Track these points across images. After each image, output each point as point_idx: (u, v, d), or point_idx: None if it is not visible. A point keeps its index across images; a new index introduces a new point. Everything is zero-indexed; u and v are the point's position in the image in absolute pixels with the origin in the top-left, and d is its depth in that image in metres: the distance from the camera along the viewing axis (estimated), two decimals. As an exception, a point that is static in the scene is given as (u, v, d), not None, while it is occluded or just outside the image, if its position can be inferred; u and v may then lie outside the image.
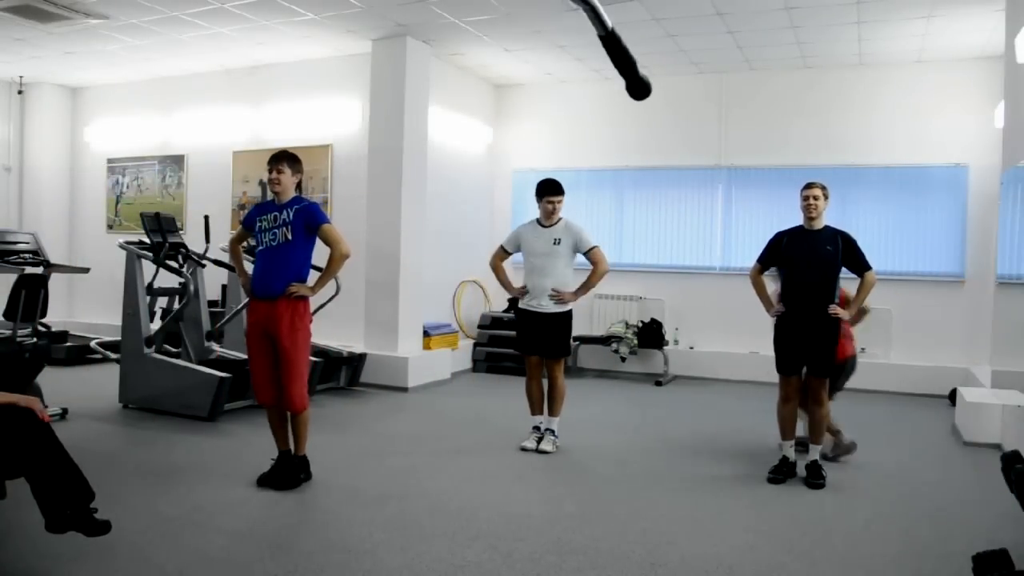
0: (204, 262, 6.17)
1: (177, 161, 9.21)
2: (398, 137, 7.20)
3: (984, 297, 7.11)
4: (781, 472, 4.42)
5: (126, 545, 3.15)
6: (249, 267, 4.51)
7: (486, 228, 9.11)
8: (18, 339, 5.47)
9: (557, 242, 4.94)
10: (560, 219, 5.02)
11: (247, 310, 4.32)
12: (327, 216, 4.32)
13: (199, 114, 9.02)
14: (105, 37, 7.49)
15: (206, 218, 6.60)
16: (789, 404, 4.49)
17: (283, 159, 4.21)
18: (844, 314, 4.38)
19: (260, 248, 4.16)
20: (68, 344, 8.13)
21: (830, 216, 4.59)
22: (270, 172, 4.20)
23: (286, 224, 4.11)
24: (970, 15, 6.25)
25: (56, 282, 7.45)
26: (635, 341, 8.02)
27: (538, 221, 5.07)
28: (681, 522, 3.67)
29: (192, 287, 5.89)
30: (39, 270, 5.71)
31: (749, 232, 8.11)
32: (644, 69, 2.14)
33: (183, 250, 6.07)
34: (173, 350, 6.20)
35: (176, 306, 6.10)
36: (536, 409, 5.12)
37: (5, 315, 5.57)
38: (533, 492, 4.12)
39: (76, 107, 9.96)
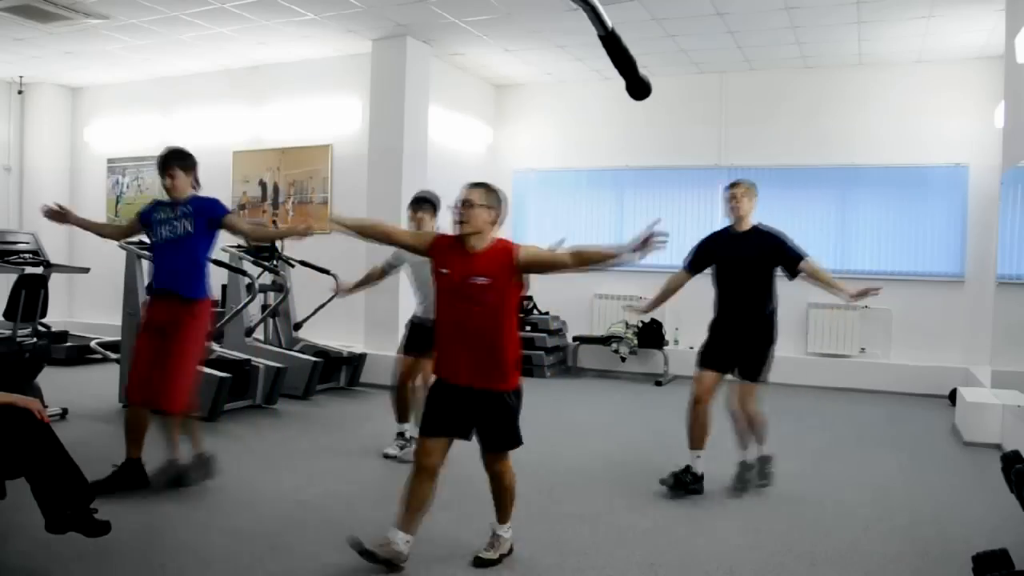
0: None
1: (177, 161, 9.21)
2: (398, 137, 7.20)
3: (984, 297, 7.11)
4: (681, 483, 3.94)
5: (126, 545, 3.15)
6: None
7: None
8: (18, 339, 5.46)
9: None
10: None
11: (147, 307, 4.13)
12: (227, 207, 4.18)
13: (199, 114, 9.02)
14: (105, 37, 7.49)
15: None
16: (701, 406, 4.00)
17: (172, 162, 3.93)
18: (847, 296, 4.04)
19: (159, 241, 3.96)
20: (68, 344, 8.13)
21: (833, 216, 4.60)
22: (163, 178, 3.94)
23: (186, 216, 3.92)
24: (970, 15, 6.25)
25: (56, 282, 7.45)
26: (635, 341, 8.02)
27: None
28: (681, 522, 3.67)
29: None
30: (39, 270, 5.70)
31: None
32: (644, 69, 2.14)
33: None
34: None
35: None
36: (405, 416, 4.73)
37: (5, 315, 5.57)
38: (533, 492, 4.12)
39: (76, 107, 9.96)
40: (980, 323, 7.10)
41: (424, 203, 4.64)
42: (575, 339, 8.49)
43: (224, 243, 7.05)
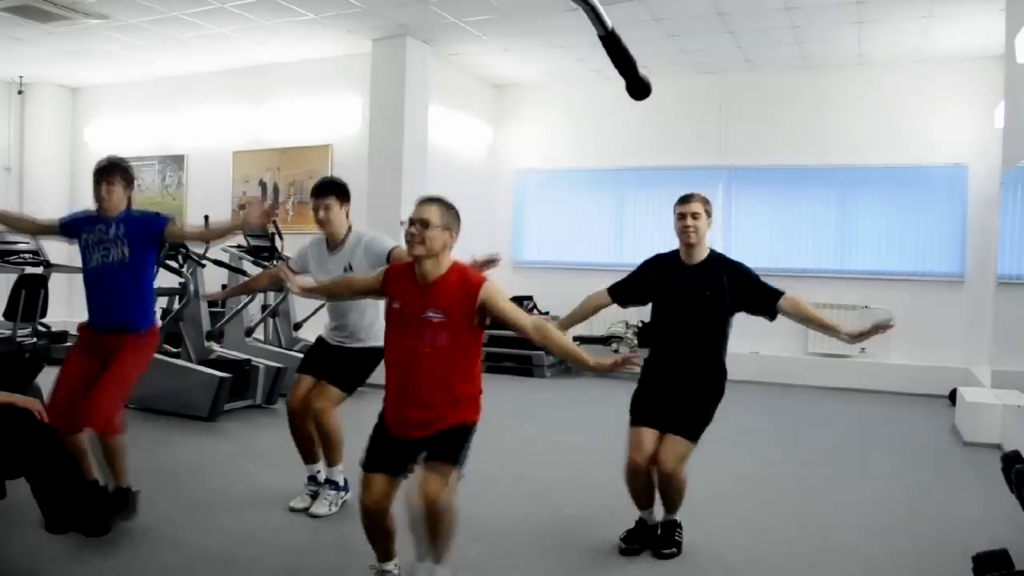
0: (204, 262, 6.17)
1: (177, 161, 9.21)
2: (398, 137, 7.20)
3: (984, 297, 7.11)
4: (636, 539, 3.29)
5: (126, 545, 3.15)
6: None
7: (486, 228, 9.10)
8: (18, 339, 5.46)
9: (348, 269, 3.61)
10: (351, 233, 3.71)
11: (79, 334, 3.60)
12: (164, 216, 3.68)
13: (199, 114, 9.02)
14: (105, 37, 7.49)
15: (206, 219, 6.56)
16: (639, 475, 3.22)
17: (114, 172, 3.49)
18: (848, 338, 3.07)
19: (90, 268, 3.45)
20: (68, 344, 8.11)
21: (833, 216, 4.53)
22: (98, 188, 3.46)
23: (119, 239, 3.38)
24: (970, 15, 6.25)
25: (56, 282, 7.44)
26: (635, 341, 8.02)
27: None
28: (681, 522, 3.66)
29: (192, 287, 5.89)
30: (39, 270, 5.70)
31: (749, 232, 8.12)
32: (644, 69, 2.14)
33: (183, 250, 6.07)
34: (173, 350, 6.19)
35: (176, 306, 6.10)
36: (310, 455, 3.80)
37: (5, 315, 5.57)
38: (533, 492, 4.12)
39: (76, 107, 9.96)
40: (980, 323, 7.10)
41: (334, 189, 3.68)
42: (575, 339, 8.46)
43: (224, 243, 7.08)
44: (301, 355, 6.64)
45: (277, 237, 7.08)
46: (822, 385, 7.66)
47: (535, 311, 8.60)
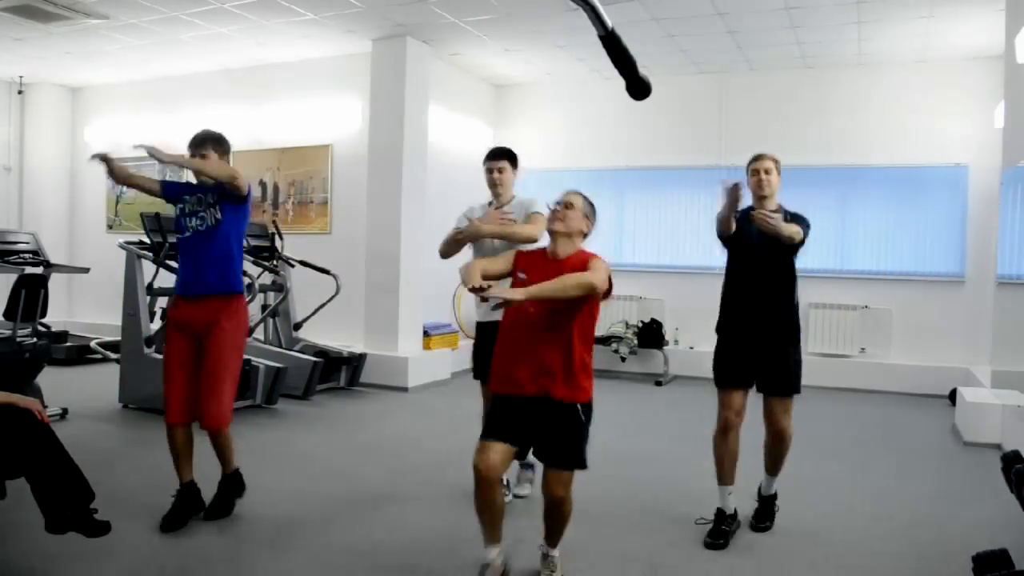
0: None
1: (177, 161, 9.21)
2: (398, 137, 7.20)
3: (984, 297, 7.11)
4: (720, 534, 3.36)
5: (126, 545, 3.15)
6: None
7: (486, 228, 9.10)
8: (18, 339, 5.46)
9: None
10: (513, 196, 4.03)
11: (169, 313, 3.64)
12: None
13: (199, 114, 9.01)
14: (105, 37, 7.49)
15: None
16: (731, 434, 3.46)
17: (207, 143, 3.60)
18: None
19: (186, 235, 3.54)
20: (68, 344, 8.13)
21: (833, 216, 4.55)
22: (192, 156, 3.60)
23: (212, 206, 3.50)
24: (970, 15, 6.25)
25: (56, 282, 7.45)
26: (635, 341, 8.02)
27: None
28: (681, 522, 3.67)
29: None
30: (39, 270, 5.70)
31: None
32: (644, 69, 2.14)
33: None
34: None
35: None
36: None
37: (5, 315, 5.57)
38: (533, 492, 4.12)
39: (76, 107, 9.97)
40: (980, 323, 7.10)
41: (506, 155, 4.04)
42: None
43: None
44: (301, 355, 6.69)
45: (277, 237, 7.08)
46: (822, 385, 7.65)
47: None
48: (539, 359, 2.76)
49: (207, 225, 3.48)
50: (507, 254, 3.10)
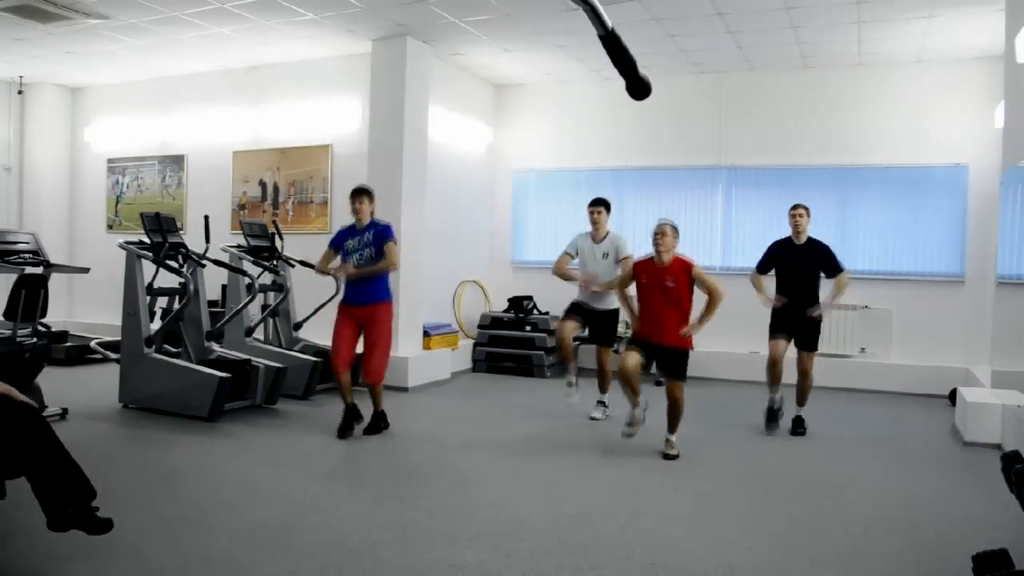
0: (204, 262, 6.17)
1: (177, 161, 9.22)
2: (398, 137, 7.21)
3: (984, 297, 7.11)
4: (774, 419, 5.62)
5: (126, 545, 3.15)
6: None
7: (486, 228, 9.11)
8: (18, 339, 5.46)
9: (605, 256, 5.86)
10: (607, 232, 5.96)
11: (340, 309, 5.25)
12: (394, 235, 5.22)
13: (199, 114, 9.03)
14: (105, 37, 7.49)
15: (206, 218, 6.60)
16: (777, 366, 5.55)
17: (363, 194, 5.18)
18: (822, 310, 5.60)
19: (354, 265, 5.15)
20: (68, 344, 8.13)
21: (833, 216, 4.63)
22: (353, 203, 5.17)
23: (369, 245, 5.12)
24: (970, 15, 6.25)
25: (56, 282, 7.45)
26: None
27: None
28: (681, 522, 3.67)
29: (192, 287, 5.89)
30: (39, 270, 5.70)
31: (749, 232, 8.12)
32: (644, 69, 2.14)
33: (183, 250, 6.07)
34: (173, 350, 6.20)
35: (176, 306, 6.10)
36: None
37: (5, 315, 5.57)
38: (533, 492, 4.12)
39: (76, 107, 9.97)
40: (980, 323, 7.10)
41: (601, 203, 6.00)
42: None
43: (223, 243, 7.10)
44: (301, 355, 6.69)
45: (277, 237, 7.09)
46: (822, 385, 7.63)
47: (535, 311, 8.61)
48: (662, 325, 4.85)
49: (366, 259, 5.13)
50: (625, 264, 5.55)
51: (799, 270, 5.57)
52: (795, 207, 5.67)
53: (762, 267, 5.77)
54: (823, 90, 7.89)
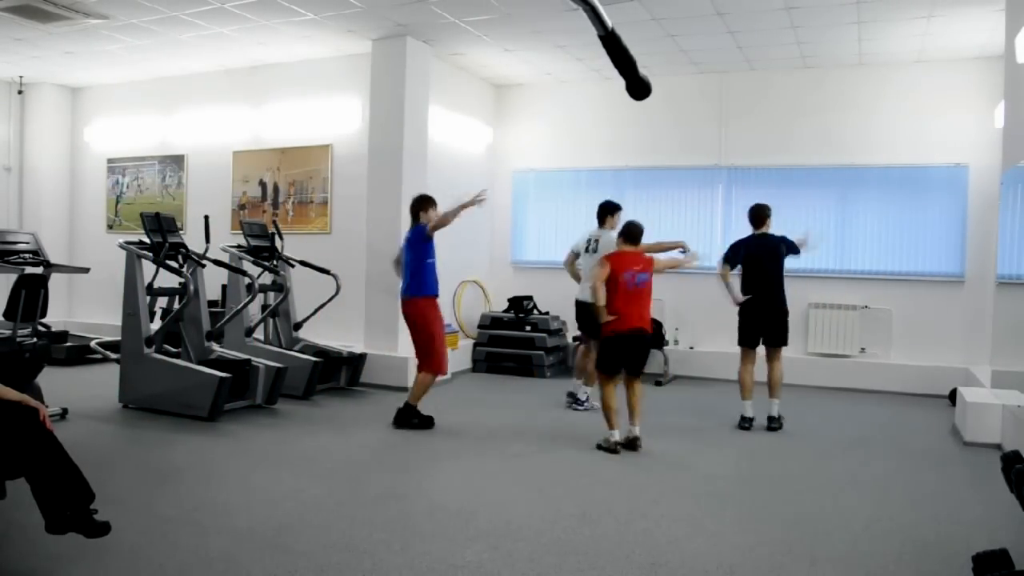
0: (204, 262, 6.18)
1: (177, 161, 9.22)
2: (398, 137, 7.20)
3: (984, 297, 7.11)
4: (747, 421, 5.75)
5: (126, 545, 3.15)
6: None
7: (486, 228, 9.10)
8: (18, 339, 5.46)
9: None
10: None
11: (436, 303, 5.67)
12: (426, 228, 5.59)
13: (199, 114, 9.03)
14: (105, 37, 7.49)
15: (206, 218, 6.61)
16: (749, 373, 5.80)
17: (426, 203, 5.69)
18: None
19: (426, 262, 5.64)
20: (68, 344, 8.13)
21: (833, 216, 4.62)
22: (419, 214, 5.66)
23: (408, 244, 5.67)
24: (970, 15, 6.25)
25: (56, 282, 7.45)
26: (635, 341, 8.01)
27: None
28: (681, 522, 3.67)
29: (192, 287, 5.89)
30: (39, 270, 5.71)
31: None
32: (644, 69, 2.14)
33: (183, 250, 6.07)
34: (173, 350, 6.20)
35: (176, 306, 6.10)
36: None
37: (5, 315, 5.57)
38: (533, 492, 4.12)
39: (76, 107, 9.96)
40: (980, 323, 7.10)
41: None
42: (575, 339, 8.48)
43: (223, 243, 7.10)
44: (301, 355, 6.69)
45: (277, 237, 7.08)
46: (822, 385, 7.66)
47: (535, 311, 8.61)
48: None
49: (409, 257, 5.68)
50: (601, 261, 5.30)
51: (764, 256, 5.81)
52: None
53: (730, 260, 5.93)
54: (823, 90, 7.88)
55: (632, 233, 5.29)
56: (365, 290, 7.39)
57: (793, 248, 5.91)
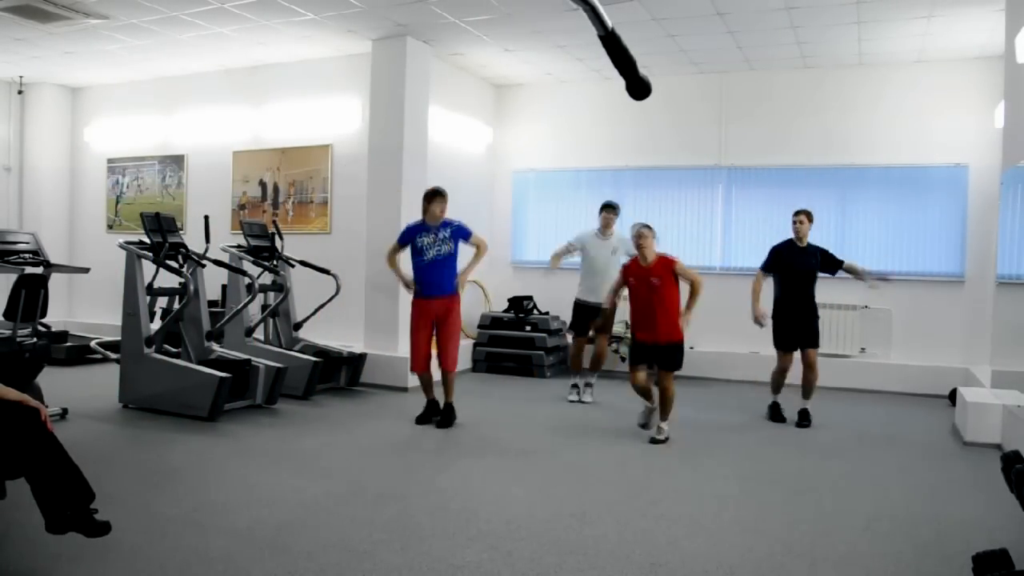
0: (204, 262, 6.17)
1: (177, 161, 9.22)
2: (398, 137, 7.20)
3: (984, 297, 7.11)
4: (777, 414, 6.03)
5: (126, 545, 3.15)
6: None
7: (486, 228, 9.08)
8: (18, 339, 5.46)
9: (614, 251, 6.54)
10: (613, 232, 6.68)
11: (416, 303, 5.62)
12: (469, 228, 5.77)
13: (199, 114, 9.03)
14: (105, 37, 7.49)
15: (206, 218, 6.61)
16: (784, 374, 6.03)
17: (436, 196, 5.59)
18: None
19: (427, 259, 5.54)
20: (68, 344, 8.13)
21: (833, 216, 4.63)
22: (431, 203, 5.56)
23: (446, 239, 5.57)
24: (970, 15, 6.25)
25: (56, 282, 7.45)
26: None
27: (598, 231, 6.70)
28: (681, 522, 3.67)
29: (192, 287, 5.89)
30: (39, 270, 5.71)
31: (749, 232, 8.12)
32: (644, 69, 2.14)
33: (183, 250, 6.07)
34: (173, 350, 6.20)
35: (176, 306, 6.10)
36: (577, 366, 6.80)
37: (5, 315, 5.57)
38: (533, 492, 4.12)
39: (76, 107, 9.96)
40: (980, 323, 7.10)
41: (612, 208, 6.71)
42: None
43: (223, 243, 7.10)
44: (301, 355, 6.69)
45: (277, 237, 7.08)
46: (822, 385, 7.60)
47: (535, 311, 8.61)
48: (658, 319, 5.22)
49: (444, 255, 5.57)
50: (618, 272, 5.63)
51: (804, 270, 5.92)
52: (798, 213, 6.01)
53: (766, 268, 6.02)
54: (823, 90, 7.88)
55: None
56: (365, 290, 7.39)
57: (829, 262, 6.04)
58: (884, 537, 3.52)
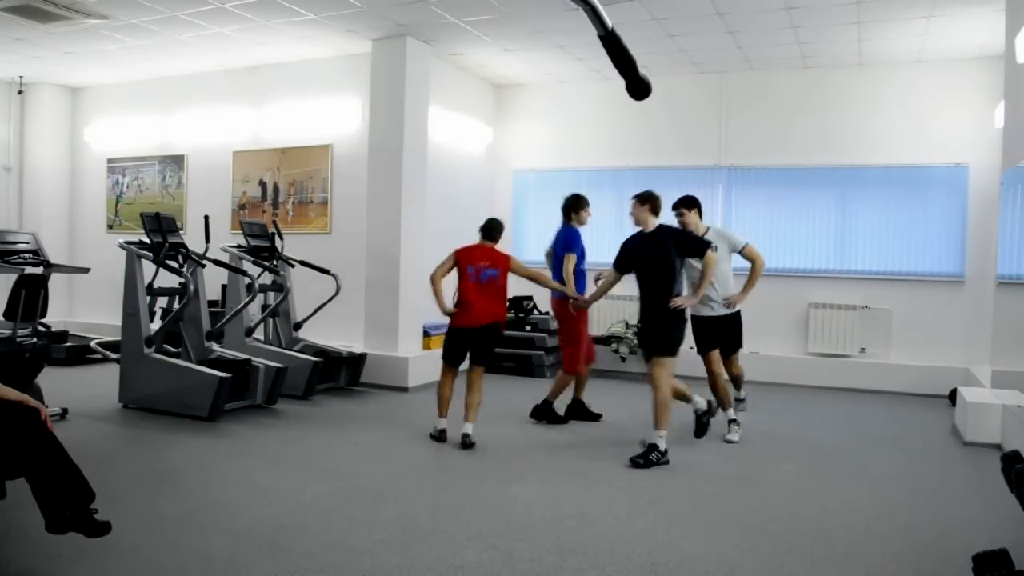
0: (204, 262, 6.17)
1: (177, 161, 9.22)
2: (398, 137, 7.20)
3: (984, 297, 7.11)
4: (703, 426, 5.36)
5: (126, 545, 3.15)
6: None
7: (486, 228, 9.10)
8: (18, 339, 5.46)
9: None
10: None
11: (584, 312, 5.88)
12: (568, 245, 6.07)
13: (199, 114, 9.02)
14: (105, 37, 7.49)
15: (206, 218, 6.61)
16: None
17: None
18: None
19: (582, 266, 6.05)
20: (68, 344, 8.13)
21: (833, 216, 4.59)
22: (582, 210, 6.23)
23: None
24: (970, 15, 6.25)
25: (56, 282, 7.45)
26: (635, 341, 8.00)
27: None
28: (681, 522, 3.67)
29: (192, 287, 5.89)
30: (39, 270, 5.71)
31: (749, 232, 8.10)
32: (644, 69, 2.14)
33: (183, 250, 6.07)
34: (173, 350, 6.20)
35: (176, 306, 6.10)
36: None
37: (5, 315, 5.57)
38: (533, 492, 4.12)
39: (76, 107, 9.96)
40: (980, 323, 7.10)
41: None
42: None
43: (223, 243, 7.10)
44: (301, 355, 6.69)
45: (277, 237, 7.08)
46: (822, 385, 7.66)
47: (535, 311, 8.60)
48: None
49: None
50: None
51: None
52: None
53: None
54: (823, 90, 7.88)
55: (488, 229, 5.58)
56: (365, 290, 7.39)
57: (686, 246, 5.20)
58: (884, 537, 3.52)
